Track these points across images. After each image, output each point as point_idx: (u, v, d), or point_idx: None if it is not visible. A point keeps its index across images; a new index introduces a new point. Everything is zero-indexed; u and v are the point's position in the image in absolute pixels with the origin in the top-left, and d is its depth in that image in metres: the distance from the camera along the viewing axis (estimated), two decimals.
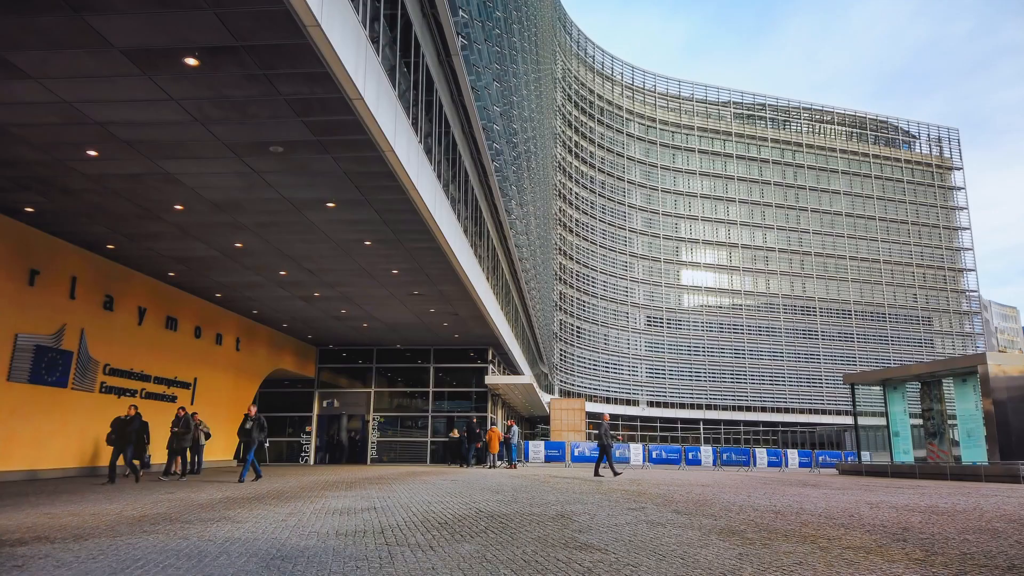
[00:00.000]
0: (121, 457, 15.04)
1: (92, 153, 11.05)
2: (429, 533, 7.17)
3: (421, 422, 30.61)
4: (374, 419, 30.33)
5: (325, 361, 31.21)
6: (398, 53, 12.01)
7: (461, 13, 16.34)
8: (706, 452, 34.65)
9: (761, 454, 35.21)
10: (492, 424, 28.48)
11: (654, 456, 33.33)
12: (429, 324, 25.33)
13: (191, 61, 8.47)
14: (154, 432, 17.29)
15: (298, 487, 14.01)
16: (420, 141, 13.38)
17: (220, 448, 24.44)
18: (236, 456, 26.06)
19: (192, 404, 21.91)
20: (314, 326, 26.29)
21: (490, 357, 30.60)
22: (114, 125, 10.16)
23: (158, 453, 19.02)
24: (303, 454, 30.09)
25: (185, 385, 21.60)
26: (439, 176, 15.38)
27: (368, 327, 26.13)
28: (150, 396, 19.77)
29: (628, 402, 73.56)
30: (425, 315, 23.73)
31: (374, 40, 10.34)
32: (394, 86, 11.44)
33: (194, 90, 9.17)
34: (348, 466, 27.26)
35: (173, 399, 20.90)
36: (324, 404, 31.02)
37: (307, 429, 30.13)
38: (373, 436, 30.11)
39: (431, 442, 30.19)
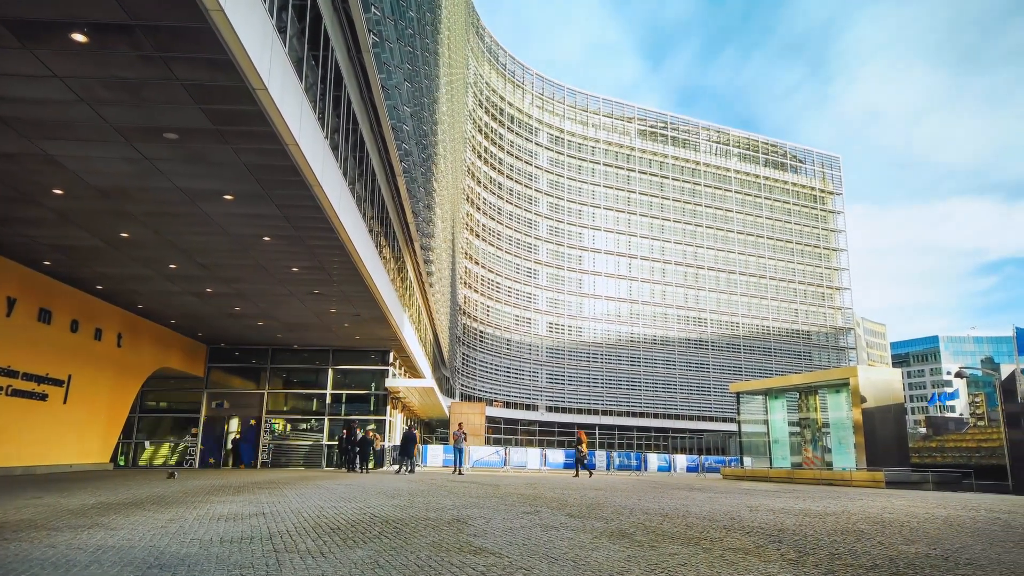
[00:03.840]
0: None
1: None
2: (320, 539, 6.99)
3: (317, 425, 29.80)
4: (267, 421, 29.26)
5: (216, 360, 29.84)
6: (306, 45, 11.69)
7: (373, 10, 16.10)
8: (600, 457, 35.55)
9: (652, 459, 36.48)
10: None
11: (550, 460, 33.88)
12: (329, 324, 24.72)
13: (79, 37, 7.91)
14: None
15: (181, 492, 13.31)
16: (327, 137, 13.05)
17: (96, 451, 22.89)
18: (112, 459, 24.48)
19: (65, 403, 20.41)
20: (205, 323, 25.10)
21: (391, 359, 30.19)
22: None
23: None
24: (188, 457, 28.64)
25: (58, 383, 20.08)
26: (345, 174, 15.06)
27: (264, 326, 25.21)
28: (17, 393, 18.25)
29: (528, 407, 74.42)
30: (325, 315, 23.15)
31: (281, 30, 10.02)
32: (301, 79, 11.12)
33: (81, 68, 8.57)
34: (238, 470, 26.17)
35: (44, 397, 19.39)
36: (213, 405, 29.64)
37: (192, 431, 28.70)
38: (265, 439, 29.04)
39: (327, 445, 29.44)
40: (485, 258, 72.24)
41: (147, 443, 28.22)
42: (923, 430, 60.82)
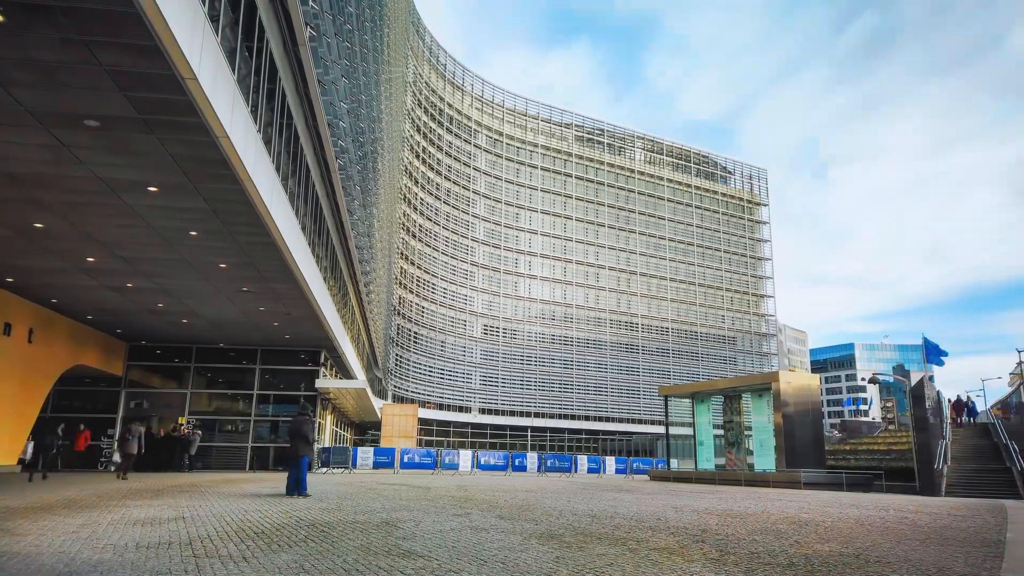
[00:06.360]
0: None
1: None
2: (243, 543, 6.80)
3: (243, 426, 28.96)
4: (189, 422, 28.24)
5: (136, 358, 28.62)
6: (240, 36, 11.36)
7: (311, 3, 15.79)
8: (532, 459, 35.77)
9: (582, 461, 36.92)
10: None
11: (483, 462, 33.86)
12: (258, 323, 24.06)
13: None
14: None
15: (95, 495, 12.70)
16: (259, 130, 12.71)
17: (2, 451, 21.60)
18: (20, 462, 23.15)
19: None
20: (125, 320, 24.04)
21: (322, 360, 29.61)
22: None
23: None
24: (103, 459, 27.35)
25: None
26: (278, 169, 14.71)
27: (188, 323, 24.33)
28: None
29: (461, 409, 74.22)
30: (254, 313, 22.52)
31: (213, 19, 9.71)
32: (233, 70, 10.80)
33: None
34: (158, 473, 25.15)
35: None
36: (131, 405, 28.42)
37: (109, 432, 27.43)
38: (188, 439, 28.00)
39: (252, 447, 28.65)
40: (421, 259, 71.72)
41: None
42: (839, 433, 63.65)
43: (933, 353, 37.57)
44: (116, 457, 24.76)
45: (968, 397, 33.95)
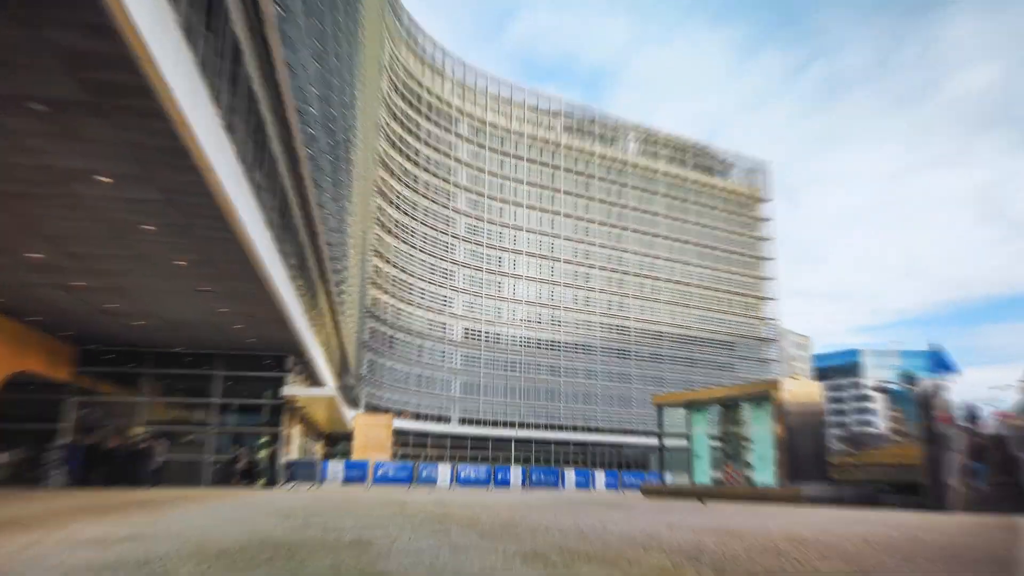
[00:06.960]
0: None
1: None
2: (202, 564, 6.75)
3: (202, 438, 28.71)
4: (146, 433, 27.95)
5: (86, 363, 28.27)
6: (201, 15, 11.30)
7: None
8: (515, 472, 35.84)
9: (570, 474, 37.05)
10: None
11: (462, 476, 33.86)
12: (219, 325, 23.88)
13: None
14: None
15: (41, 512, 12.56)
16: (222, 117, 12.64)
17: None
18: None
19: None
20: (74, 321, 23.76)
21: (289, 366, 29.44)
22: None
23: None
24: (50, 474, 26.99)
25: None
26: (242, 159, 14.63)
27: (144, 325, 24.11)
28: None
29: (439, 419, 74.10)
30: (215, 315, 22.35)
31: None
32: (194, 52, 10.74)
33: None
34: (110, 489, 24.88)
35: None
36: (81, 413, 28.08)
37: (55, 444, 27.07)
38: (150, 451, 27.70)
39: (214, 460, 28.42)
40: (397, 256, 71.52)
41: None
42: (843, 445, 64.35)
43: (939, 364, 37.18)
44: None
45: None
